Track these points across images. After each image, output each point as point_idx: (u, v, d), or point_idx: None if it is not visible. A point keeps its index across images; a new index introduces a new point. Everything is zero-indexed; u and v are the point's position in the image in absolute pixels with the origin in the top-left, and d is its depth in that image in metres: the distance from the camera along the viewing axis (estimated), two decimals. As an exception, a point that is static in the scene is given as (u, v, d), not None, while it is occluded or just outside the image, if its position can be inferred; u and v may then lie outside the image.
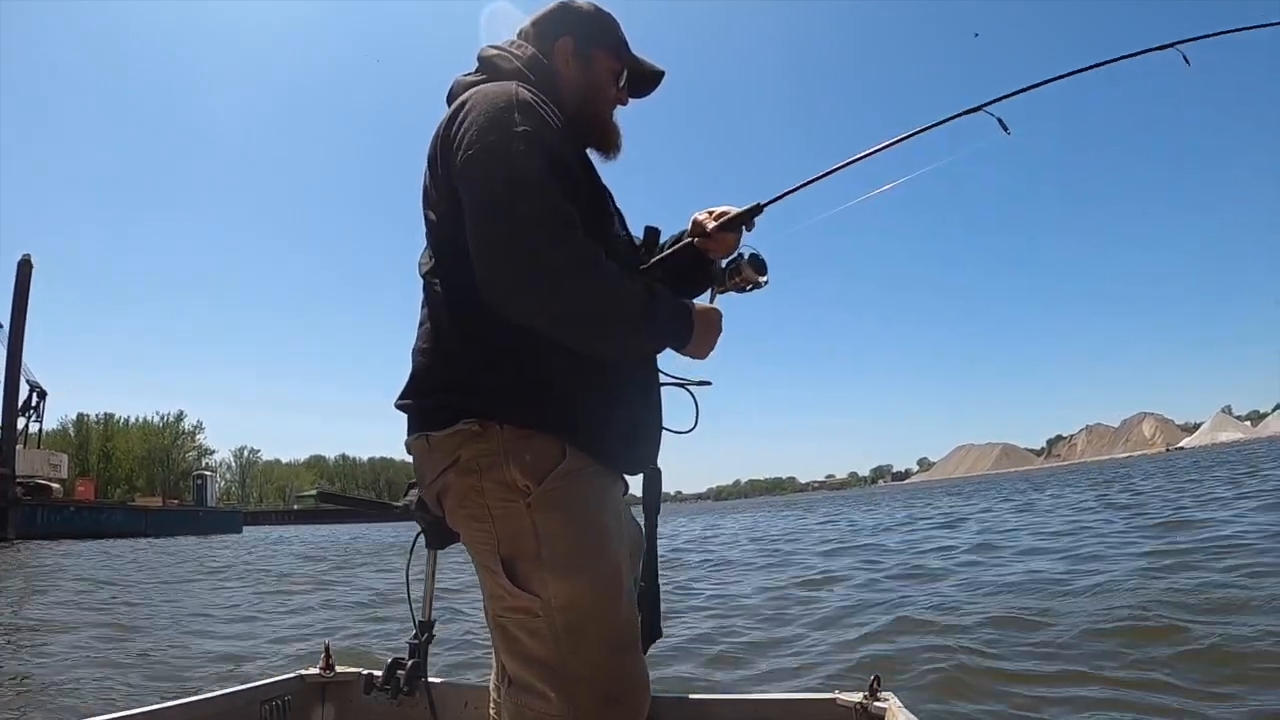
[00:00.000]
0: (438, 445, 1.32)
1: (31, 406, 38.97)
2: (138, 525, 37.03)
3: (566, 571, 1.27)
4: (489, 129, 1.25)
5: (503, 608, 1.31)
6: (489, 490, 1.28)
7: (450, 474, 1.32)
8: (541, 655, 1.27)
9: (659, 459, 1.53)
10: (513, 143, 1.23)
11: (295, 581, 10.59)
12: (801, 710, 1.79)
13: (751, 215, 1.57)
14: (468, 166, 1.25)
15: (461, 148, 1.26)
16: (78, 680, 4.24)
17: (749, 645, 4.64)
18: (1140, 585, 5.19)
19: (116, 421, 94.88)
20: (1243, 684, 3.10)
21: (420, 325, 1.41)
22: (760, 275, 1.55)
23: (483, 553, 1.32)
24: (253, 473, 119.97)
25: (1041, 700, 3.15)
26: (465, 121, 1.29)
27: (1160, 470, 31.95)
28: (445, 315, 1.35)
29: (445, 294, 1.35)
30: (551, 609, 1.26)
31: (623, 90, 1.57)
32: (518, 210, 1.18)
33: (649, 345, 1.39)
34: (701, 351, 1.44)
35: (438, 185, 1.35)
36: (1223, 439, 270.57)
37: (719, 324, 1.45)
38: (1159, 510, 11.26)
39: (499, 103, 1.29)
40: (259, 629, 6.26)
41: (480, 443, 1.28)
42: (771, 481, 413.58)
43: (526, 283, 1.18)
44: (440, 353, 1.36)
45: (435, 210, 1.36)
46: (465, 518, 1.34)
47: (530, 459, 1.27)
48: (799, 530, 16.58)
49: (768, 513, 34.15)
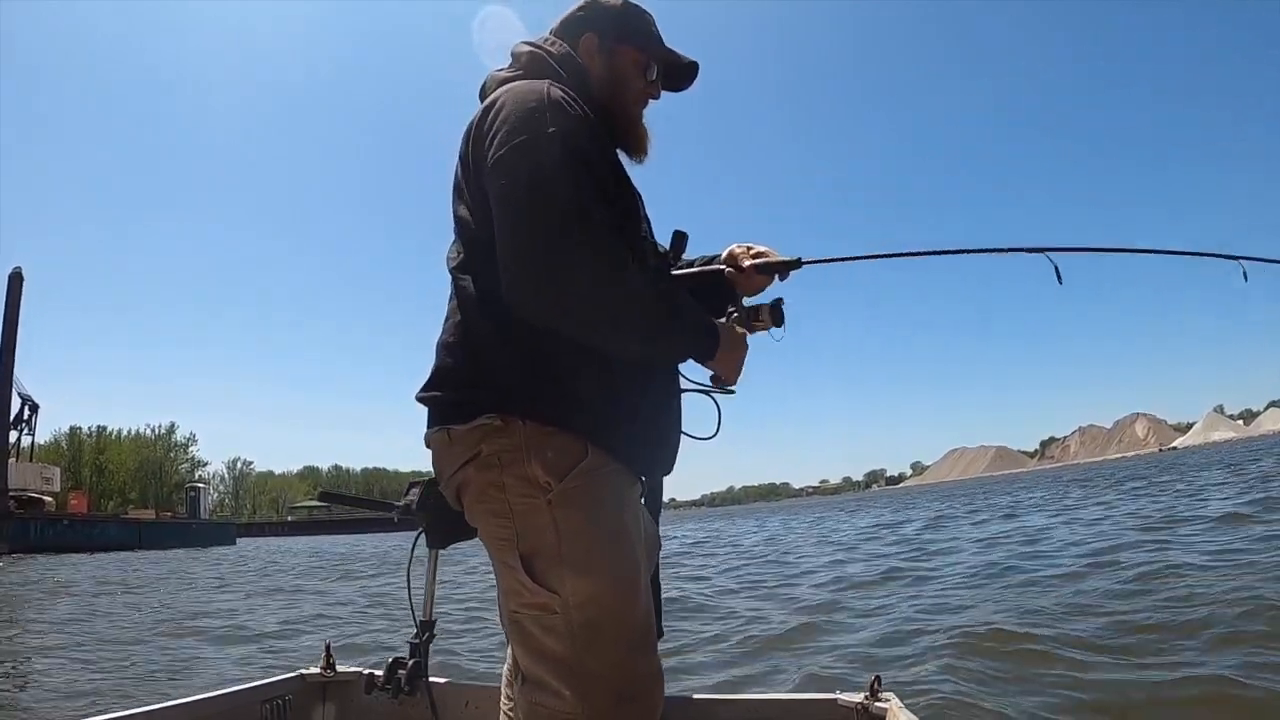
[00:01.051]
0: (459, 439, 1.31)
1: (24, 420, 38.81)
2: (130, 538, 36.80)
3: (585, 569, 1.26)
4: (519, 128, 1.25)
5: (520, 604, 1.30)
6: (510, 485, 1.28)
7: (471, 468, 1.31)
8: (557, 652, 1.26)
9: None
10: (542, 143, 1.22)
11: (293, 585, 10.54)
12: (803, 710, 1.79)
13: (789, 268, 1.59)
14: (497, 166, 1.25)
15: (492, 147, 1.26)
16: (76, 682, 4.22)
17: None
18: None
19: (109, 434, 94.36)
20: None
21: (446, 319, 1.40)
22: (777, 325, 1.56)
23: (501, 548, 1.31)
24: (246, 484, 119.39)
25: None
26: (497, 120, 1.28)
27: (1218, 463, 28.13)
28: (472, 311, 1.34)
29: (473, 290, 1.34)
30: (569, 606, 1.25)
31: (653, 84, 1.54)
32: (543, 214, 1.18)
33: (667, 355, 1.40)
34: (727, 373, 1.45)
35: (469, 182, 1.35)
36: (1215, 438, 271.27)
37: (744, 348, 1.45)
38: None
39: (530, 101, 1.28)
40: (258, 629, 6.24)
41: (502, 437, 1.27)
42: (765, 487, 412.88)
43: (547, 286, 1.18)
44: (466, 347, 1.35)
45: (466, 206, 1.36)
46: (484, 513, 1.33)
47: (553, 455, 1.27)
48: (874, 530, 15.71)
49: (806, 515, 33.15)
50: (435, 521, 1.65)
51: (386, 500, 1.96)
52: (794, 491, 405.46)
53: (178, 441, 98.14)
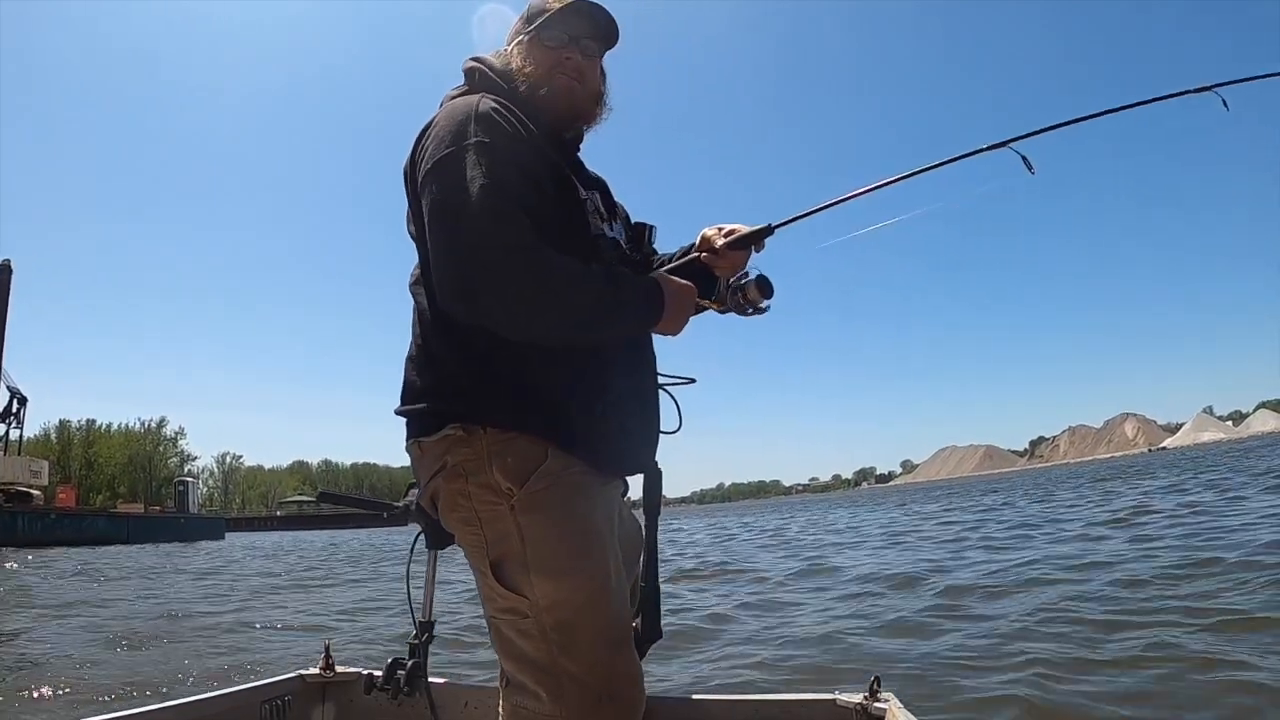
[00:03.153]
0: (428, 450, 1.36)
1: (12, 413, 38.47)
2: (119, 532, 36.54)
3: (551, 572, 1.29)
4: (445, 142, 1.28)
5: (495, 609, 1.34)
6: (475, 494, 1.32)
7: (440, 479, 1.36)
8: (532, 655, 1.30)
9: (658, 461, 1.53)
10: (466, 155, 1.25)
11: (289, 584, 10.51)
12: (802, 711, 1.78)
13: (762, 236, 1.53)
14: (424, 181, 1.29)
15: (421, 162, 1.31)
16: (74, 683, 4.19)
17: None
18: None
19: (98, 428, 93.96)
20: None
21: (412, 334, 1.44)
22: (764, 298, 1.53)
23: (474, 555, 1.36)
24: (235, 479, 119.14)
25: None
26: (429, 137, 1.32)
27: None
28: (429, 324, 1.39)
29: (425, 305, 1.39)
30: (539, 609, 1.28)
31: (566, 48, 1.47)
32: (466, 222, 1.20)
33: (614, 333, 1.38)
34: (673, 328, 1.43)
35: (410, 200, 1.38)
36: (1205, 439, 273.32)
37: (691, 299, 1.44)
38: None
39: (458, 116, 1.31)
40: (256, 630, 6.21)
41: (465, 447, 1.31)
42: (755, 485, 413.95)
43: (473, 290, 1.20)
44: (425, 360, 1.39)
45: (414, 224, 1.38)
46: (456, 521, 1.37)
47: (512, 461, 1.29)
48: (915, 522, 15.42)
49: (822, 509, 31.73)
50: (434, 523, 1.65)
51: (383, 500, 1.96)
52: (784, 489, 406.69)
53: (167, 435, 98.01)
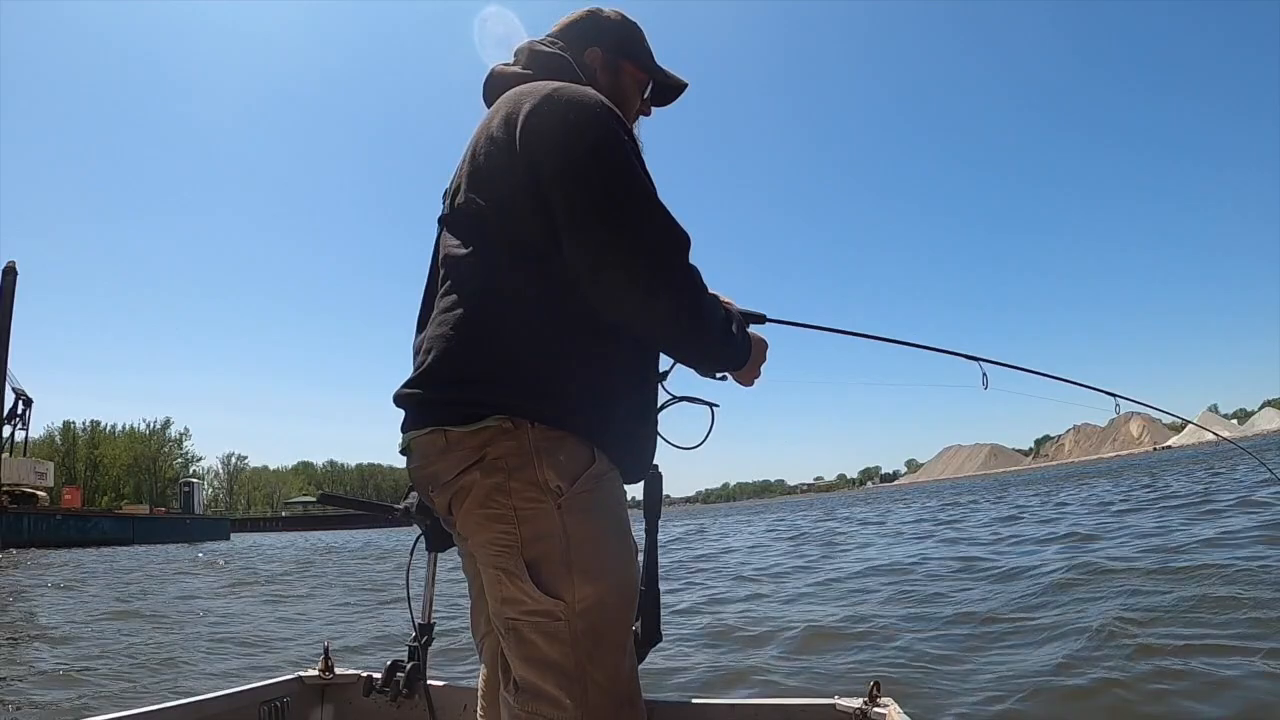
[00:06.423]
0: (459, 441, 1.25)
1: (17, 414, 38.58)
2: (124, 533, 36.76)
3: (593, 575, 1.25)
4: (594, 125, 1.24)
5: (520, 611, 1.26)
6: (516, 490, 1.24)
7: (476, 471, 1.25)
8: (559, 660, 1.24)
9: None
10: (623, 146, 1.23)
11: (290, 585, 10.53)
12: (801, 715, 1.79)
13: (750, 321, 1.57)
14: (572, 157, 1.22)
15: (559, 148, 1.23)
16: (74, 683, 4.21)
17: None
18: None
19: (103, 429, 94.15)
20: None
21: (441, 313, 1.33)
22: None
23: (501, 555, 1.26)
24: (240, 479, 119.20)
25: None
26: (554, 116, 1.25)
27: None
28: (481, 306, 1.29)
29: (485, 285, 1.29)
30: (574, 613, 1.23)
31: (646, 102, 1.57)
32: (656, 220, 1.22)
33: (725, 359, 1.42)
34: (748, 379, 1.49)
35: (495, 173, 1.30)
36: (1209, 437, 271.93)
37: (765, 356, 1.49)
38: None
39: (591, 104, 1.27)
40: (255, 631, 6.22)
41: (510, 440, 1.23)
42: (760, 484, 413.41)
43: (655, 288, 1.20)
44: (470, 342, 1.28)
45: (486, 198, 1.31)
46: (485, 518, 1.27)
47: (564, 460, 1.24)
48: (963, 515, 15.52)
49: (849, 509, 30.50)
50: (435, 525, 1.65)
51: (385, 502, 1.96)
52: (789, 488, 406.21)
53: (172, 436, 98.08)
